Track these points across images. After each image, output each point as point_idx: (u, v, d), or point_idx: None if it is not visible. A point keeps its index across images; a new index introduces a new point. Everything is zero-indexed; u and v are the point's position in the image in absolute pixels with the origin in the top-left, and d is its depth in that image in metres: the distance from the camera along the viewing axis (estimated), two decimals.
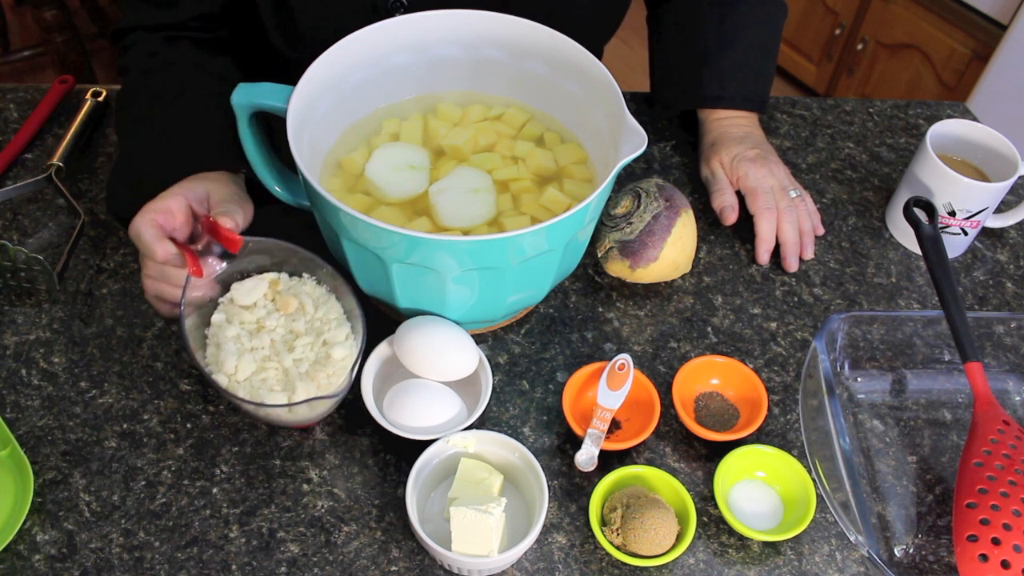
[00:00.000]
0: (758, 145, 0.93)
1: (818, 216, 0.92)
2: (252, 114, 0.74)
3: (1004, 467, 0.67)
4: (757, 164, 0.90)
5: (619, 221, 0.81)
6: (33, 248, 0.84)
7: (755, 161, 0.91)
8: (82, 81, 1.00)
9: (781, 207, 0.89)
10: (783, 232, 0.89)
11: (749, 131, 0.96)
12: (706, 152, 0.95)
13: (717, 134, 0.95)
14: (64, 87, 0.97)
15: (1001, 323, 0.81)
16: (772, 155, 0.93)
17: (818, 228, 0.92)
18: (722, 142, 0.94)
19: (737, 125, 0.96)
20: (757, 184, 0.89)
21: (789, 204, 0.89)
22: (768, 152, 0.93)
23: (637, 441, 0.71)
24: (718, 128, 0.96)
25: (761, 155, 0.92)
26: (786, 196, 0.90)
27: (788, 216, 0.89)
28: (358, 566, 0.66)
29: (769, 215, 0.89)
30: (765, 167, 0.90)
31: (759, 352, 0.81)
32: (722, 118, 0.97)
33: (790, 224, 0.89)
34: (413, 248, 0.65)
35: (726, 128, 0.96)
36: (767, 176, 0.90)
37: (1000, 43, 1.82)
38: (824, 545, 0.70)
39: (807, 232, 0.90)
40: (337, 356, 0.68)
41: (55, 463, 0.70)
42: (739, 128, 0.96)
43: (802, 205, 0.90)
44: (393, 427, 0.69)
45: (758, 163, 0.90)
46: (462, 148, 0.80)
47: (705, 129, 0.97)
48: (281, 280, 0.72)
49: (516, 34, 0.79)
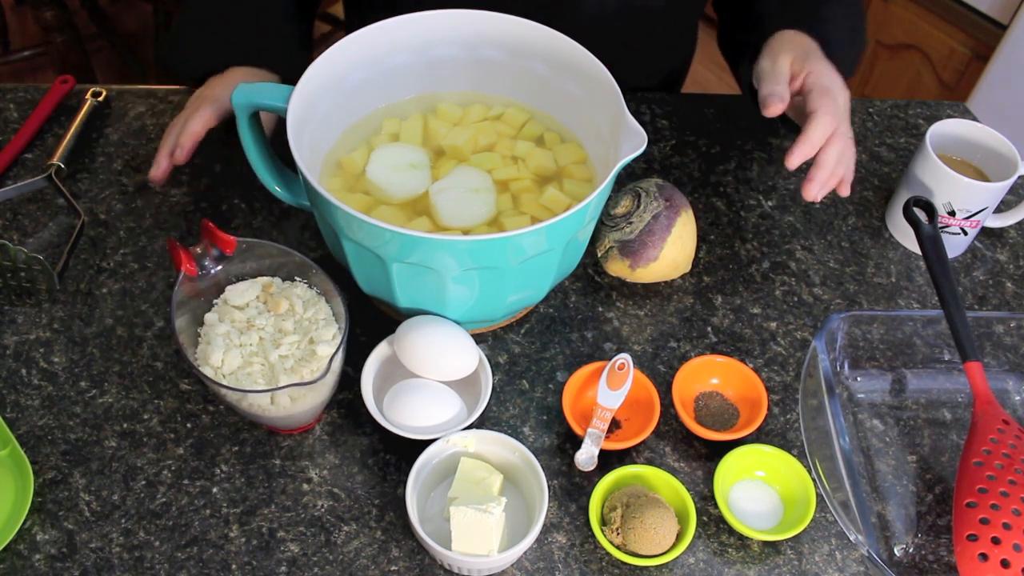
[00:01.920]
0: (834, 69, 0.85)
1: (854, 151, 0.83)
2: (252, 114, 0.74)
3: (1004, 466, 0.67)
4: (835, 72, 0.83)
5: (619, 221, 0.81)
6: (33, 248, 0.84)
7: (834, 71, 0.83)
8: (82, 81, 1.00)
9: (842, 124, 0.80)
10: (827, 152, 0.79)
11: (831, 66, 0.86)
12: (774, 49, 0.86)
13: (797, 42, 0.86)
14: (64, 87, 0.97)
15: (1001, 323, 0.81)
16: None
17: (848, 181, 0.83)
18: (800, 47, 0.85)
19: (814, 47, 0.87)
20: (831, 85, 0.81)
21: (848, 131, 0.81)
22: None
23: (637, 441, 0.71)
24: (800, 40, 0.87)
25: (838, 74, 0.84)
26: (847, 123, 0.82)
27: (841, 141, 0.80)
28: (358, 566, 0.67)
29: (829, 120, 0.79)
30: (841, 82, 0.83)
31: (759, 352, 0.81)
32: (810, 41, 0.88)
33: (837, 149, 0.80)
34: (413, 248, 0.65)
35: (811, 46, 0.87)
36: (842, 91, 0.82)
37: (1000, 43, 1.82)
38: (824, 545, 0.70)
39: (850, 169, 0.82)
40: (322, 353, 0.68)
41: (55, 463, 0.70)
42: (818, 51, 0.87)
43: (853, 147, 0.83)
44: (393, 427, 0.69)
45: (836, 73, 0.83)
46: (462, 148, 0.80)
47: (783, 38, 0.88)
48: (274, 283, 0.72)
49: (516, 34, 0.79)
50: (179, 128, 0.84)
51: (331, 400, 0.73)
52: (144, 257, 0.84)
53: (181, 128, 0.84)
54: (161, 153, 0.84)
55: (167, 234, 0.86)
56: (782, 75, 0.83)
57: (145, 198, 0.89)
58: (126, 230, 0.86)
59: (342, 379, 0.74)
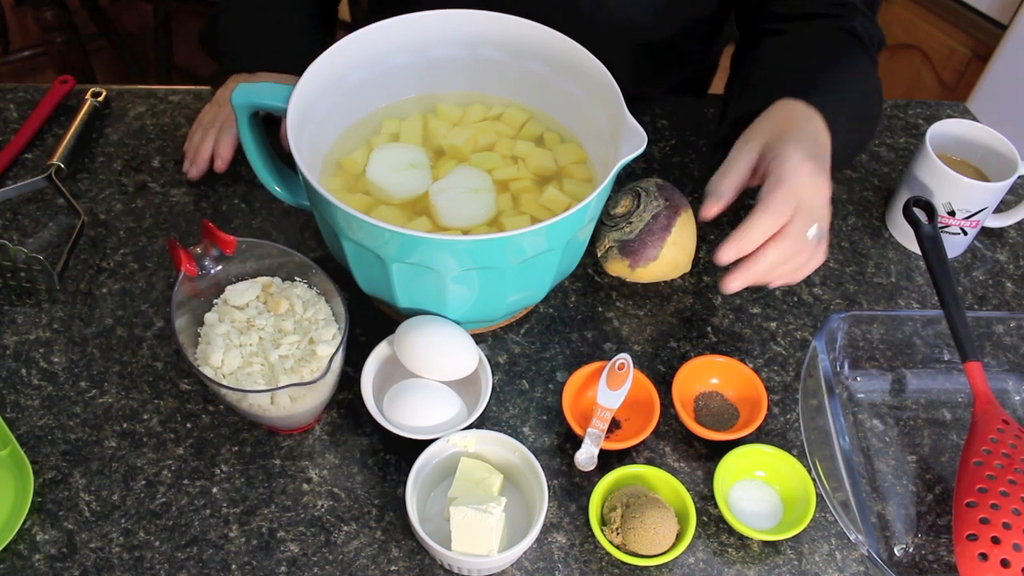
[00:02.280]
0: (820, 155, 0.72)
1: (815, 264, 0.73)
2: (252, 114, 0.74)
3: (1004, 466, 0.67)
4: (806, 161, 0.70)
5: (619, 221, 0.81)
6: (33, 248, 0.84)
7: (806, 160, 0.70)
8: (82, 81, 1.00)
9: (794, 224, 0.69)
10: (764, 253, 0.69)
11: (821, 137, 0.74)
12: (754, 128, 0.75)
13: (781, 119, 0.75)
14: (64, 87, 0.97)
15: (1001, 323, 0.81)
16: (827, 175, 0.72)
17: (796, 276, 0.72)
18: (779, 127, 0.74)
19: (811, 122, 0.74)
20: (792, 175, 0.69)
21: (804, 231, 0.69)
22: (826, 168, 0.73)
23: (637, 441, 0.71)
24: (787, 111, 0.75)
25: (819, 164, 0.71)
26: (808, 222, 0.69)
27: (787, 242, 0.69)
28: (358, 566, 0.66)
29: (772, 217, 0.68)
30: (814, 173, 0.70)
31: (759, 352, 0.81)
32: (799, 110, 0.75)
33: (779, 252, 0.69)
34: (413, 248, 0.65)
35: (798, 117, 0.74)
36: (808, 181, 0.69)
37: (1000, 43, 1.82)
38: (824, 544, 0.70)
39: (798, 274, 0.72)
40: (322, 353, 0.68)
41: (55, 463, 0.70)
42: (811, 126, 0.74)
43: (808, 252, 0.71)
44: (393, 427, 0.69)
45: (808, 163, 0.70)
46: (462, 148, 0.80)
47: (771, 114, 0.76)
48: (274, 284, 0.72)
49: (516, 34, 0.79)
50: (216, 134, 0.89)
51: (331, 400, 0.73)
52: (144, 257, 0.84)
53: (219, 136, 0.89)
54: (200, 155, 0.89)
55: (167, 234, 0.86)
56: (734, 167, 0.72)
57: (145, 198, 0.89)
58: (126, 230, 0.86)
59: (342, 379, 0.74)
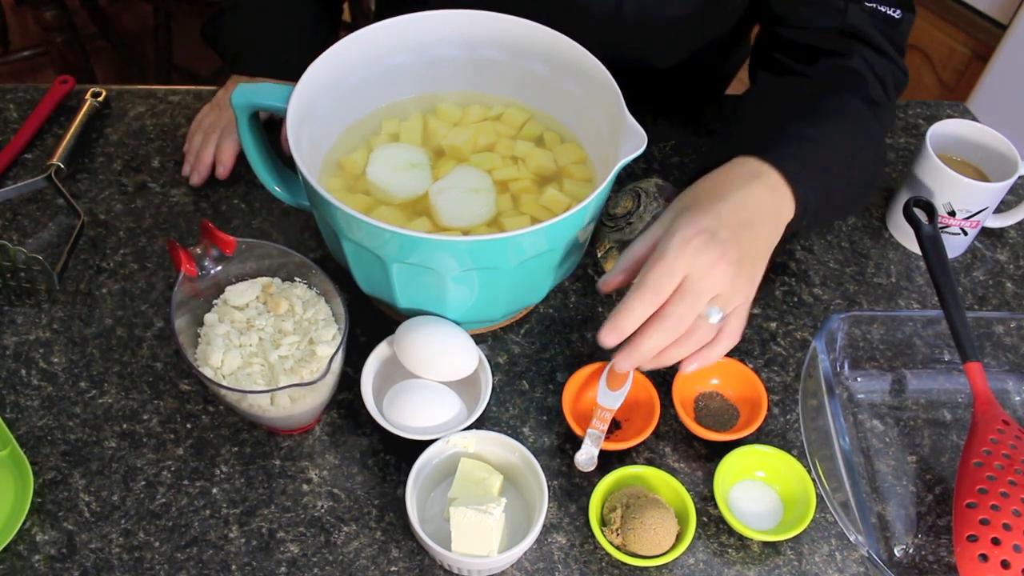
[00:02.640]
0: (739, 225, 0.65)
1: (728, 343, 0.66)
2: (252, 114, 0.74)
3: (1004, 467, 0.67)
4: (696, 236, 0.63)
5: (619, 221, 0.81)
6: (33, 248, 0.84)
7: (698, 235, 0.63)
8: (82, 81, 1.00)
9: (674, 304, 0.63)
10: (642, 337, 0.63)
11: (760, 202, 0.67)
12: (678, 198, 0.70)
13: (719, 179, 0.69)
14: (64, 87, 0.97)
15: (1001, 323, 0.81)
16: (742, 247, 0.64)
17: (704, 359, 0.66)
18: (706, 192, 0.67)
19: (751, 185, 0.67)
20: (671, 251, 0.63)
21: (685, 310, 0.63)
22: (740, 240, 0.64)
23: (637, 441, 0.71)
24: (728, 174, 0.69)
25: (723, 237, 0.63)
26: (695, 301, 0.63)
27: (672, 321, 0.63)
28: (358, 566, 0.66)
29: (649, 295, 0.62)
30: (703, 248, 0.63)
31: (759, 352, 0.81)
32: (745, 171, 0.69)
33: (664, 330, 0.63)
34: (413, 248, 0.65)
35: (737, 180, 0.68)
36: (694, 257, 0.63)
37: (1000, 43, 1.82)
38: (824, 545, 0.70)
39: (693, 356, 0.65)
40: (322, 354, 0.68)
41: (55, 463, 0.70)
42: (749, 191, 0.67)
43: (705, 333, 0.64)
44: (393, 427, 0.69)
45: (699, 237, 0.63)
46: (462, 148, 0.80)
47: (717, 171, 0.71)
48: (274, 284, 0.72)
49: (516, 34, 0.79)
50: (217, 140, 0.90)
51: (331, 401, 0.73)
52: (144, 257, 0.84)
53: (221, 143, 0.89)
54: (202, 162, 0.90)
55: (167, 234, 0.86)
56: (627, 260, 0.67)
57: (145, 198, 0.89)
58: (126, 230, 0.86)
59: (342, 379, 0.73)
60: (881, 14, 0.83)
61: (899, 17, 0.83)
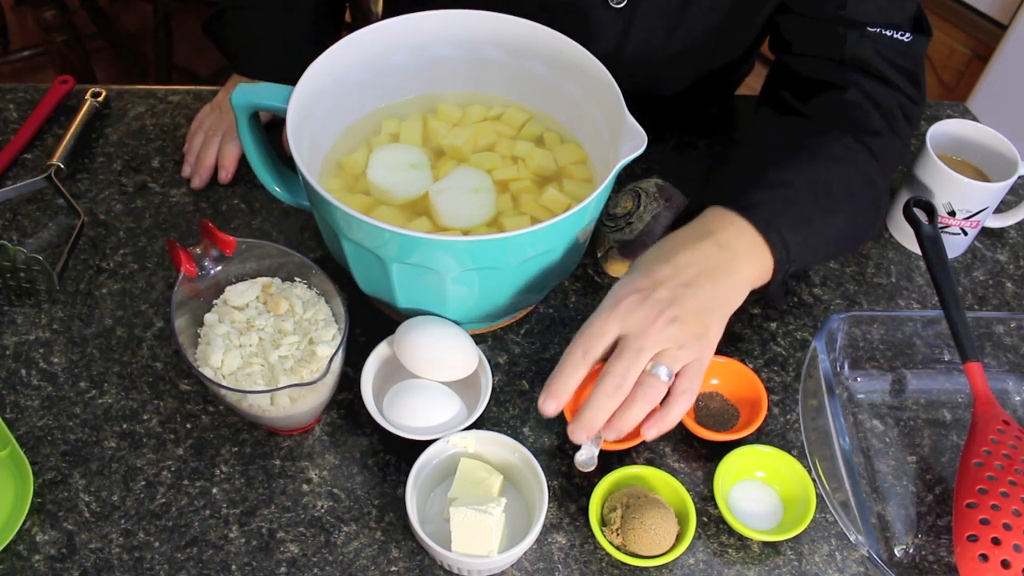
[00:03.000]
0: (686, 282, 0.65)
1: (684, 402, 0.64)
2: (252, 114, 0.74)
3: (1004, 467, 0.67)
4: (635, 292, 0.64)
5: (619, 221, 0.81)
6: (33, 248, 0.84)
7: (636, 291, 0.64)
8: (82, 81, 1.00)
9: (614, 363, 0.63)
10: (589, 402, 0.63)
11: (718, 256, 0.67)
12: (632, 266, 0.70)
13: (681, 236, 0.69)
14: (64, 87, 0.97)
15: (1001, 323, 0.81)
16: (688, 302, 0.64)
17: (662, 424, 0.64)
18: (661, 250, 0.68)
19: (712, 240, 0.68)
20: (608, 307, 0.65)
21: (626, 368, 0.63)
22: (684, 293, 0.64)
23: (637, 441, 0.71)
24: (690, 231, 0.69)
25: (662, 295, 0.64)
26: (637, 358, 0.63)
27: (612, 378, 0.63)
28: (358, 566, 0.66)
29: (579, 352, 0.64)
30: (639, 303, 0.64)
31: (759, 352, 0.81)
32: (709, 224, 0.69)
33: (605, 389, 0.63)
34: (413, 248, 0.65)
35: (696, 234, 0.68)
36: (631, 312, 0.64)
37: (1000, 43, 1.82)
38: (824, 545, 0.70)
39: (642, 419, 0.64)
40: (322, 354, 0.68)
41: (55, 463, 0.70)
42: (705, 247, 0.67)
43: (654, 391, 0.63)
44: (393, 427, 0.69)
45: (637, 294, 0.64)
46: (462, 148, 0.80)
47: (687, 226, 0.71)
48: (274, 284, 0.72)
49: (515, 34, 0.79)
50: (218, 143, 0.90)
51: (331, 401, 0.73)
52: (144, 257, 0.84)
53: (223, 147, 0.90)
54: (204, 165, 0.90)
55: (167, 234, 0.86)
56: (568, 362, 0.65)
57: (145, 198, 0.89)
58: (126, 230, 0.86)
59: (342, 379, 0.73)
60: (887, 39, 0.79)
61: (909, 40, 0.79)
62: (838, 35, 0.79)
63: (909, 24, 0.80)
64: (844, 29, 0.79)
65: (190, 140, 0.92)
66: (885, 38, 0.79)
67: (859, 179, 0.76)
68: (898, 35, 0.79)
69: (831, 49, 0.80)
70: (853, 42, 0.79)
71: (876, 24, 0.79)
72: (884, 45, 0.79)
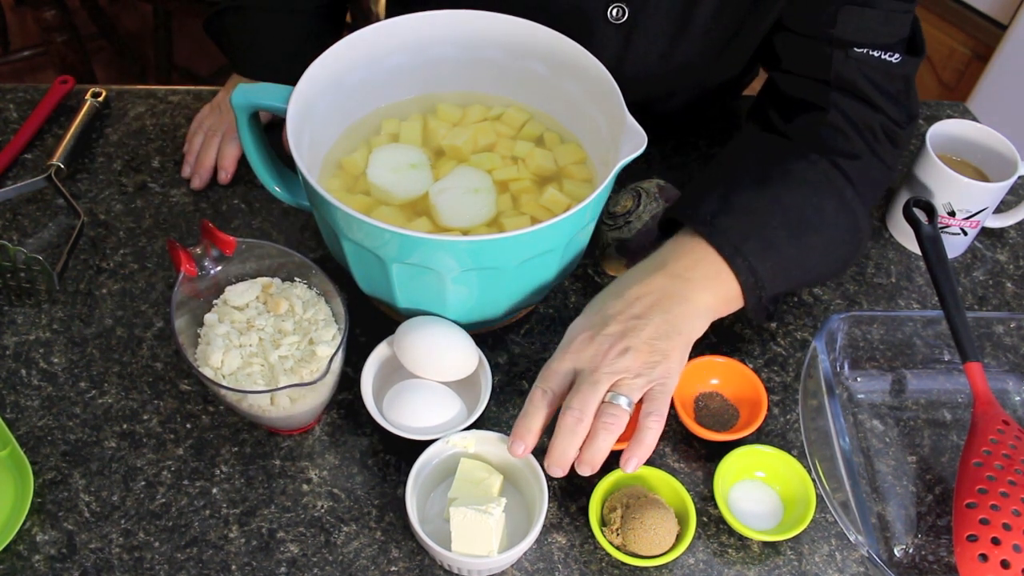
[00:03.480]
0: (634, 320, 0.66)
1: (654, 426, 0.64)
2: (252, 114, 0.74)
3: (1004, 467, 0.67)
4: (586, 330, 0.67)
5: (618, 220, 0.81)
6: (33, 248, 0.84)
7: (586, 329, 0.67)
8: (82, 81, 1.00)
9: (572, 398, 0.64)
10: (557, 430, 0.64)
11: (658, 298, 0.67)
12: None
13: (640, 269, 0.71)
14: (64, 87, 0.97)
15: (1001, 323, 0.81)
16: (641, 332, 0.65)
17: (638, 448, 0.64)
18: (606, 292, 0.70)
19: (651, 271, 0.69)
20: (562, 346, 0.68)
21: (583, 400, 0.64)
22: (635, 325, 0.66)
23: None
24: (651, 263, 0.71)
25: (618, 327, 0.66)
26: (593, 390, 0.64)
27: (572, 412, 0.63)
28: (358, 566, 0.66)
29: (535, 395, 0.65)
30: (589, 340, 0.66)
31: (759, 352, 0.81)
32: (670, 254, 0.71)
33: (567, 423, 0.63)
34: (413, 248, 0.65)
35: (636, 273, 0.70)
36: (583, 347, 0.66)
37: (1000, 43, 1.82)
38: (824, 545, 0.70)
39: (605, 447, 0.64)
40: (322, 354, 0.68)
41: (55, 463, 0.70)
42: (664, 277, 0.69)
43: (616, 420, 0.63)
44: (393, 427, 0.69)
45: (587, 331, 0.67)
46: (462, 148, 0.80)
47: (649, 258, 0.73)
48: (274, 284, 0.72)
49: (515, 34, 0.79)
50: (218, 144, 0.90)
51: (331, 401, 0.73)
52: (144, 257, 0.84)
53: (223, 148, 0.90)
54: (204, 166, 0.90)
55: (167, 234, 0.86)
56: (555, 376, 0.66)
57: (145, 198, 0.89)
58: (126, 230, 0.86)
59: (342, 379, 0.74)
60: (874, 60, 0.77)
61: (898, 61, 0.78)
62: (824, 55, 0.78)
63: (901, 46, 0.79)
64: (831, 49, 0.78)
65: (190, 140, 0.92)
66: (872, 59, 0.78)
67: (833, 205, 0.75)
68: (886, 56, 0.78)
69: (817, 68, 0.79)
70: (839, 62, 0.78)
71: (864, 45, 0.77)
72: (870, 67, 0.78)
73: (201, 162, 0.90)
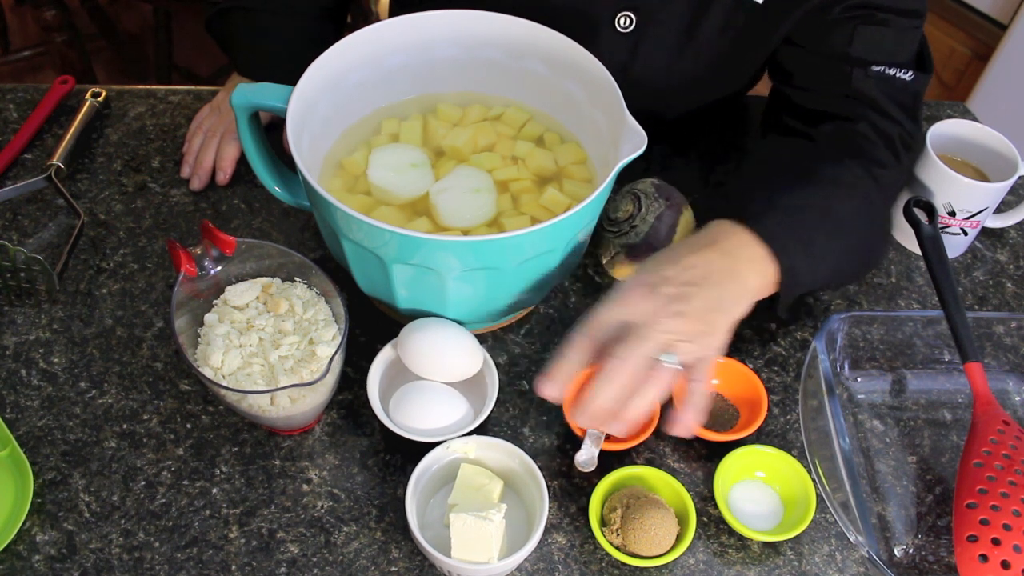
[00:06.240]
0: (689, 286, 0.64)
1: (697, 399, 0.63)
2: (252, 114, 0.74)
3: (1004, 467, 0.67)
4: (643, 284, 0.64)
5: (622, 226, 0.81)
6: (33, 248, 0.84)
7: (644, 284, 0.64)
8: (82, 81, 1.00)
9: (620, 347, 0.62)
10: (599, 377, 0.61)
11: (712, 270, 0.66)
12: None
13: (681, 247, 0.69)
14: (64, 87, 0.97)
15: (1001, 323, 0.81)
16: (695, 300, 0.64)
17: (683, 423, 0.63)
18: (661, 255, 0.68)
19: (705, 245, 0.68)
20: (617, 295, 0.65)
21: (632, 351, 0.61)
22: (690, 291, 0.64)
23: (637, 441, 0.71)
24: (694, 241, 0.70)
25: (667, 287, 0.64)
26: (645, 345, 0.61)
27: (618, 362, 0.61)
28: (358, 566, 0.66)
29: (579, 339, 0.63)
30: (648, 294, 0.64)
31: (759, 352, 0.81)
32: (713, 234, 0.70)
33: (611, 371, 0.61)
34: (413, 248, 0.65)
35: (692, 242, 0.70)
36: (640, 301, 0.63)
37: (1000, 43, 1.82)
38: (824, 545, 0.70)
39: (643, 405, 0.61)
40: (322, 354, 0.68)
41: (55, 463, 0.70)
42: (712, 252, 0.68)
43: (665, 377, 0.62)
44: (400, 429, 0.68)
45: (644, 287, 0.64)
46: (462, 148, 0.80)
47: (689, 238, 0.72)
48: (274, 284, 0.72)
49: (515, 34, 0.79)
50: (217, 145, 0.90)
51: (331, 401, 0.73)
52: (144, 257, 0.84)
53: (222, 148, 0.90)
54: (203, 167, 0.90)
55: (167, 234, 0.86)
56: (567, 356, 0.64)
57: (145, 198, 0.89)
58: (126, 230, 0.86)
59: (342, 380, 0.73)
60: (889, 77, 0.80)
61: (911, 78, 0.81)
62: (843, 72, 0.80)
63: (912, 63, 0.81)
64: (850, 67, 0.80)
65: (189, 141, 0.92)
66: (888, 76, 0.80)
67: (865, 208, 0.77)
68: (900, 73, 0.81)
69: (835, 85, 0.81)
70: (858, 79, 0.80)
71: (881, 63, 0.80)
72: (887, 83, 0.80)
73: (200, 163, 0.90)
